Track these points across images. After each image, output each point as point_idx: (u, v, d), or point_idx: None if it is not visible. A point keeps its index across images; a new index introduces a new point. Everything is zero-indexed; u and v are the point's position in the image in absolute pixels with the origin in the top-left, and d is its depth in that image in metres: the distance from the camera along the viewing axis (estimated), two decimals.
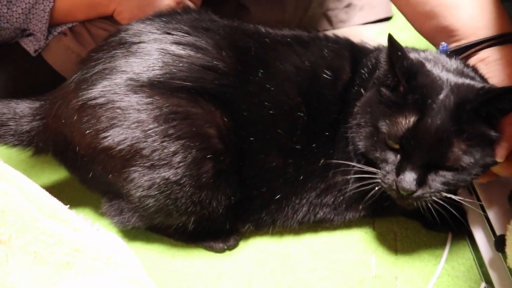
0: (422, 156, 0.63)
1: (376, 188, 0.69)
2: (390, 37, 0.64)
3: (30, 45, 0.93)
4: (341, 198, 0.78)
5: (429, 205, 0.67)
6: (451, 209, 0.69)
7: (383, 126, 0.66)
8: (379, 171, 0.68)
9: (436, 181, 0.65)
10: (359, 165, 0.71)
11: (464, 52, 0.74)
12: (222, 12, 0.85)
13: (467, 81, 0.66)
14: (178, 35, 0.73)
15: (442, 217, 0.71)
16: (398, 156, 0.66)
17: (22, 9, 0.88)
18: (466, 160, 0.63)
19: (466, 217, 0.78)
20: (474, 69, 0.71)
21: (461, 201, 0.68)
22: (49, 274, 0.59)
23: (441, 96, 0.63)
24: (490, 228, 0.73)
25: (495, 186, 0.76)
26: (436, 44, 0.78)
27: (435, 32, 0.77)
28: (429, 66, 0.68)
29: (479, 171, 0.65)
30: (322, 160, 0.75)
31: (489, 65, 0.71)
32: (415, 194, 0.65)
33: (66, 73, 0.95)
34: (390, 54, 0.65)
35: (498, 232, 0.71)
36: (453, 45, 0.75)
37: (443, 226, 0.78)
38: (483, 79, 0.71)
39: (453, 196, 0.67)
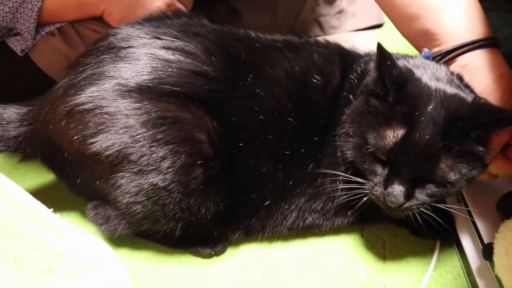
0: (410, 171, 0.64)
1: (365, 198, 0.69)
2: (379, 46, 0.63)
3: (17, 45, 0.92)
4: (330, 204, 0.78)
5: (416, 215, 0.68)
6: (439, 217, 0.69)
7: (371, 139, 0.66)
8: (367, 182, 0.68)
9: (423, 193, 0.65)
10: (347, 175, 0.71)
11: (446, 57, 0.73)
12: (214, 15, 0.84)
13: (457, 92, 0.66)
14: (168, 40, 0.72)
15: (431, 224, 0.71)
16: (386, 168, 0.66)
17: (9, 7, 0.87)
18: (452, 176, 0.63)
19: (454, 225, 0.79)
20: (460, 78, 0.71)
21: (449, 209, 0.69)
22: (30, 279, 0.58)
23: (429, 109, 0.63)
24: (478, 236, 0.73)
25: (484, 194, 0.76)
26: (419, 49, 0.78)
27: (418, 35, 0.77)
28: (418, 73, 0.68)
29: (465, 184, 0.65)
30: (311, 166, 0.75)
31: (471, 71, 0.71)
32: (403, 206, 0.66)
33: (53, 74, 0.94)
34: (379, 63, 0.64)
35: (486, 240, 0.71)
36: (435, 50, 0.75)
37: (431, 233, 0.78)
38: (468, 88, 0.70)
39: (440, 205, 0.68)
